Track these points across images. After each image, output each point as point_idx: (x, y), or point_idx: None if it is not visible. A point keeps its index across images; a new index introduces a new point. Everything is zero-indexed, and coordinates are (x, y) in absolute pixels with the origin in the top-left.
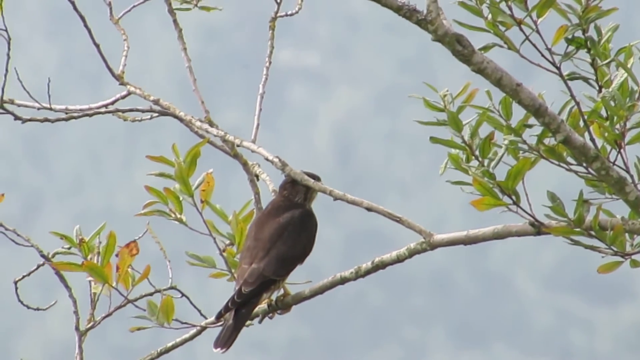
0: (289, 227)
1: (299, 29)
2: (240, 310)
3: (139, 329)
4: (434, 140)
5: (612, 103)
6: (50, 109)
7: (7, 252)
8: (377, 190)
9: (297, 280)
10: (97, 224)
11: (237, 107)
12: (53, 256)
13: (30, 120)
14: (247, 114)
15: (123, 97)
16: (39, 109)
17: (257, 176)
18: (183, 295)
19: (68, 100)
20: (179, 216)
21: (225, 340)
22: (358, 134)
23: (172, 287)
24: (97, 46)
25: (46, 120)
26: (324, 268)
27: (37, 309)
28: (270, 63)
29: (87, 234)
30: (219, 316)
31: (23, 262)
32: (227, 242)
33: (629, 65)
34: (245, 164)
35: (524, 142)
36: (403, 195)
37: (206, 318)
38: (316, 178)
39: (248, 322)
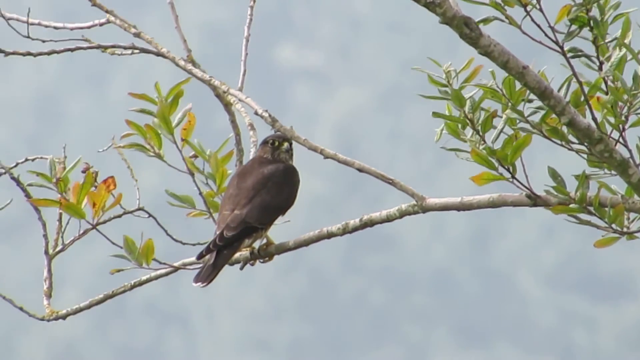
0: (273, 178)
1: (302, 29)
2: (221, 251)
3: (118, 270)
4: (435, 115)
5: (611, 79)
6: (27, 24)
7: (8, 252)
8: (379, 190)
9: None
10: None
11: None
12: (15, 166)
13: (12, 53)
14: (248, 112)
15: (101, 24)
16: (8, 19)
17: (229, 104)
18: (150, 215)
19: (71, 100)
20: (157, 151)
21: (206, 276)
22: (361, 133)
23: (139, 209)
24: None
25: (29, 53)
26: (326, 265)
27: None
28: (254, 2)
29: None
30: (200, 257)
31: (24, 262)
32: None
33: (627, 40)
34: (227, 105)
35: (527, 121)
36: (405, 195)
37: (173, 239)
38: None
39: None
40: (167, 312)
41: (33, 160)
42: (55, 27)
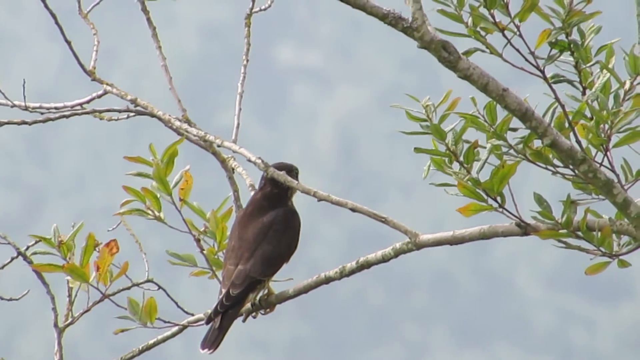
0: (273, 226)
1: (301, 28)
2: (227, 311)
3: (122, 330)
4: (417, 150)
5: (596, 104)
6: (26, 108)
7: (8, 253)
8: (378, 190)
9: (280, 278)
10: (99, 223)
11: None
12: (27, 249)
13: (7, 123)
14: (247, 112)
15: (99, 97)
16: (12, 106)
17: (233, 169)
18: (160, 287)
19: (71, 100)
20: (157, 214)
21: (213, 341)
22: (360, 133)
23: (148, 281)
24: (69, 43)
25: (23, 122)
26: (325, 264)
27: (10, 299)
28: (247, 61)
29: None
30: (209, 320)
31: (24, 262)
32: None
33: (610, 65)
34: (223, 161)
35: (510, 146)
36: (404, 195)
37: (184, 312)
38: (293, 169)
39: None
40: (166, 311)
41: (43, 238)
42: (56, 108)
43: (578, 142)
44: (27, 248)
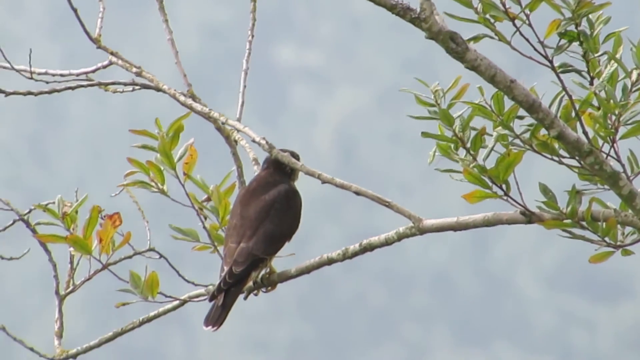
0: (275, 204)
1: (301, 28)
2: (229, 288)
3: (124, 304)
4: (425, 134)
5: (603, 94)
6: (31, 75)
7: (8, 252)
8: (379, 190)
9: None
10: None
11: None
12: (29, 212)
13: (13, 93)
14: (248, 112)
15: (104, 67)
16: (18, 70)
17: (235, 142)
18: (161, 256)
19: (70, 99)
20: (161, 187)
21: (216, 319)
22: (360, 133)
23: (150, 249)
24: (75, 11)
25: (29, 93)
26: (325, 267)
27: (11, 259)
28: (252, 37)
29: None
30: (212, 298)
31: (25, 261)
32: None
33: (618, 55)
34: (227, 137)
35: (517, 136)
36: (405, 195)
37: (185, 280)
38: (295, 156)
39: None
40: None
41: (46, 205)
42: (62, 75)
43: (585, 132)
44: (30, 211)
